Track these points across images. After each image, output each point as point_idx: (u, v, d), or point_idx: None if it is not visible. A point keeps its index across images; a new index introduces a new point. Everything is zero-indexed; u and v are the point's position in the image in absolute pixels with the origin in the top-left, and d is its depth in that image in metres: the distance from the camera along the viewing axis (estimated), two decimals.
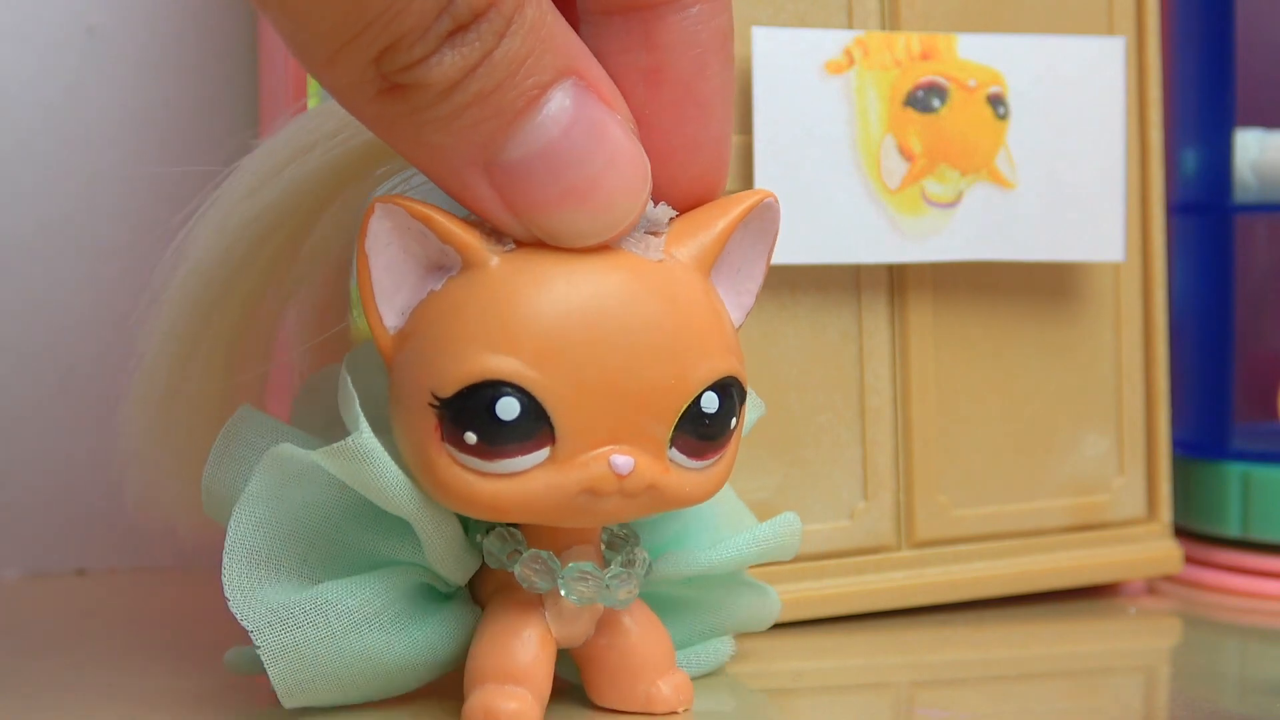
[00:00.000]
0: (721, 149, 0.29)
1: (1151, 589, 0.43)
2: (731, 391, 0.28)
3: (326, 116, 0.32)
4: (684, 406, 0.28)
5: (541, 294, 0.27)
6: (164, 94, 0.48)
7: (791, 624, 0.37)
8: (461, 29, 0.25)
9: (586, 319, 0.27)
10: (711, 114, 0.28)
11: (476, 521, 0.29)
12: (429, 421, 0.27)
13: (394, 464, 0.28)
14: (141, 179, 0.48)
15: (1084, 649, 0.38)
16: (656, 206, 0.28)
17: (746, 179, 0.37)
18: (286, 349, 0.35)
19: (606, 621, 0.30)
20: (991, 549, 0.40)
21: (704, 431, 0.28)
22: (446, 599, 0.30)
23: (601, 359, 0.27)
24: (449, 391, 0.27)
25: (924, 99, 0.38)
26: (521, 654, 0.29)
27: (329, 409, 0.31)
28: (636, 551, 0.30)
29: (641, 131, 0.28)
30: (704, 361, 0.28)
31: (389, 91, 0.25)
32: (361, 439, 0.28)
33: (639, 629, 0.30)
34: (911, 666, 0.36)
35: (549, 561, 0.29)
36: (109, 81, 0.48)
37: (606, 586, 0.29)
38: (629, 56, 0.28)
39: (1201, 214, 0.46)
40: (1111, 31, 0.42)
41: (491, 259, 0.27)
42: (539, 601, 0.29)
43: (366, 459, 0.28)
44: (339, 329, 0.34)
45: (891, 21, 0.39)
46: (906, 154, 0.38)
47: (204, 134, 0.48)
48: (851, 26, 0.38)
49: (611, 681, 0.30)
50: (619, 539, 0.30)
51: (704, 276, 0.29)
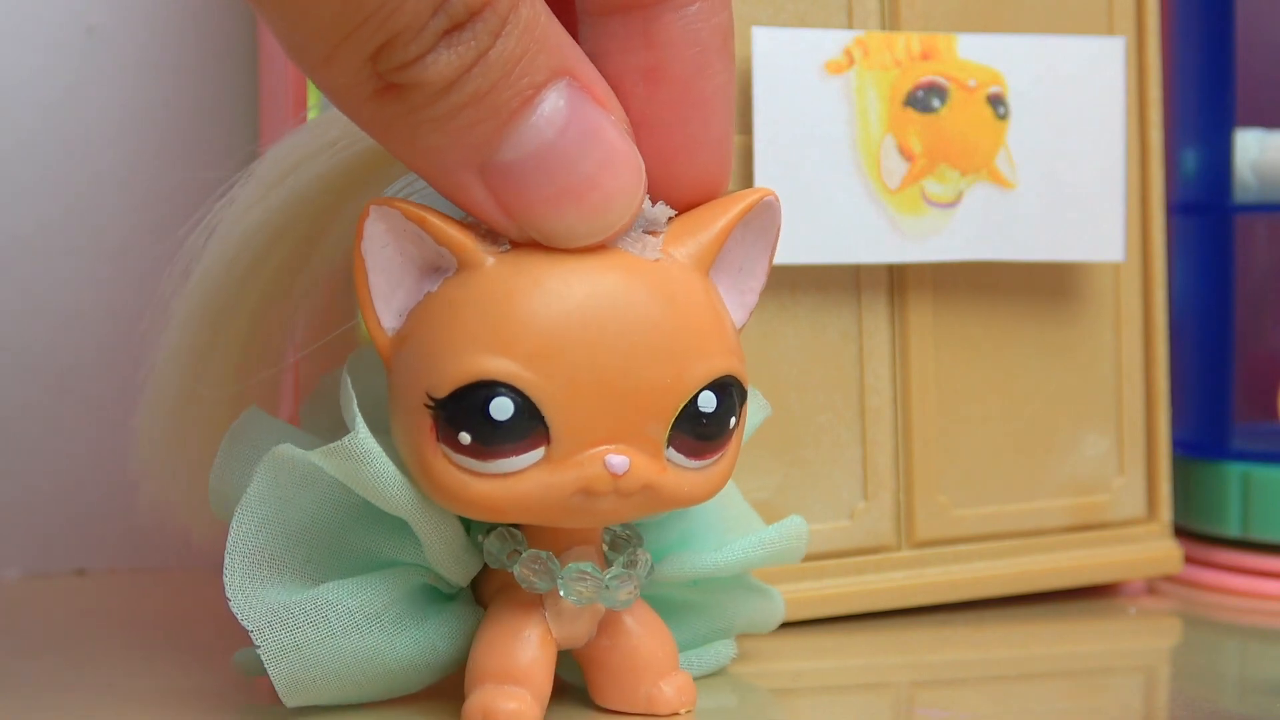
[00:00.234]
0: (723, 148, 0.29)
1: (1151, 589, 0.43)
2: (730, 391, 0.28)
3: (330, 124, 0.32)
4: (680, 406, 0.28)
5: (536, 294, 0.27)
6: (164, 95, 0.48)
7: (792, 624, 0.37)
8: (457, 27, 0.25)
9: (581, 319, 0.27)
10: (712, 113, 0.28)
11: (478, 522, 0.29)
12: (425, 422, 0.27)
13: (392, 464, 0.28)
14: (141, 179, 0.48)
15: (1084, 649, 0.38)
16: (654, 206, 0.28)
17: (746, 179, 0.37)
18: (297, 354, 0.35)
19: (609, 622, 0.30)
20: (991, 549, 0.40)
21: (702, 431, 0.28)
22: (449, 599, 0.30)
23: (596, 359, 0.27)
24: (444, 392, 0.27)
25: (924, 99, 0.38)
26: (521, 654, 0.29)
27: (336, 411, 0.31)
28: (638, 552, 0.30)
29: (642, 131, 0.28)
30: (701, 361, 0.28)
31: (385, 91, 0.25)
32: (359, 439, 0.28)
33: (641, 630, 0.30)
34: (911, 666, 0.36)
35: (548, 562, 0.29)
36: (109, 81, 0.48)
37: (606, 587, 0.29)
38: (629, 56, 0.27)
39: (1201, 214, 0.46)
40: (1111, 31, 0.42)
41: (487, 260, 0.27)
42: (539, 602, 0.29)
43: (364, 459, 0.28)
44: (343, 330, 0.34)
45: (891, 21, 0.39)
46: (906, 154, 0.38)
47: (204, 134, 0.48)
48: (851, 26, 0.38)
49: (614, 682, 0.30)
50: (621, 540, 0.30)
51: (703, 275, 0.28)
